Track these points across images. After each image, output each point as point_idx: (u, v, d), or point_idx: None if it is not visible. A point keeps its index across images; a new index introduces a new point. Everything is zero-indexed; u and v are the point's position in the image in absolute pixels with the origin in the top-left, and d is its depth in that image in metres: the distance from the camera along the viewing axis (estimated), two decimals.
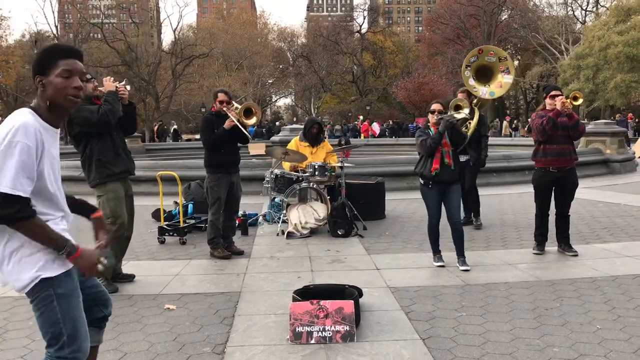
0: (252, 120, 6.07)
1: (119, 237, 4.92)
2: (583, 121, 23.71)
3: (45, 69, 2.28)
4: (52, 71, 2.28)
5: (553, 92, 5.77)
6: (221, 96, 6.09)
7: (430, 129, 5.48)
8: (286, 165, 7.98)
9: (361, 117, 39.60)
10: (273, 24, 76.61)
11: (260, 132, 36.26)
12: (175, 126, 35.85)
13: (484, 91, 6.79)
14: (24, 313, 4.33)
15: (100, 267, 2.30)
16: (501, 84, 6.83)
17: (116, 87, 4.88)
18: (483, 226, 7.66)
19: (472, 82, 6.77)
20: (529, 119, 6.53)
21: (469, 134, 7.07)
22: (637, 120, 32.05)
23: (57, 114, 2.32)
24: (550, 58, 50.52)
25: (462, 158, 7.30)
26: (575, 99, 5.66)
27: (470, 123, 6.82)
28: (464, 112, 5.43)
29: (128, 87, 5.07)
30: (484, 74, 6.89)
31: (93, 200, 4.91)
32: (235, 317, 4.16)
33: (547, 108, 5.82)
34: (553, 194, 5.96)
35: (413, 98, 48.55)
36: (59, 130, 2.39)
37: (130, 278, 5.19)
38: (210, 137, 6.03)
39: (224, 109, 6.00)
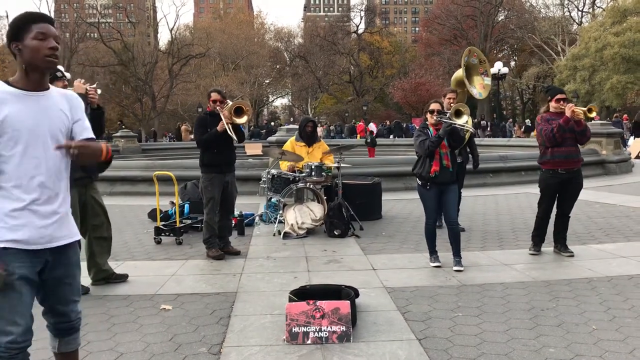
0: (243, 119, 6.04)
1: None
2: None
3: (20, 35, 2.37)
4: (27, 35, 2.37)
5: (559, 96, 5.77)
6: (214, 95, 6.10)
7: (429, 129, 5.48)
8: (283, 165, 7.98)
9: (354, 122, 39.68)
10: (270, 24, 76.71)
11: (257, 132, 36.27)
12: None
13: (475, 92, 6.94)
14: None
15: None
16: (483, 86, 7.01)
17: (86, 89, 4.71)
18: (481, 226, 7.67)
19: (466, 81, 6.89)
20: (535, 121, 6.52)
21: (466, 136, 7.09)
22: (632, 121, 32.10)
23: (35, 77, 2.39)
24: (546, 59, 50.65)
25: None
26: (590, 111, 5.64)
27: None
28: (465, 118, 5.42)
29: (99, 91, 4.92)
30: (468, 75, 7.02)
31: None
32: (232, 318, 4.15)
33: (551, 111, 5.82)
34: (558, 195, 5.96)
35: (410, 98, 48.64)
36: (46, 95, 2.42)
37: (123, 278, 5.17)
38: (202, 137, 6.05)
39: (217, 108, 6.01)
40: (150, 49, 54.71)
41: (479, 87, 6.93)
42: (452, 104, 6.65)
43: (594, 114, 5.71)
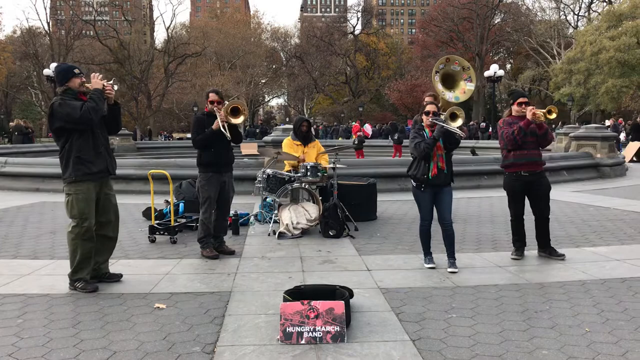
0: (240, 119, 6.03)
1: (87, 240, 4.81)
2: (574, 125, 23.84)
3: None
4: None
5: (520, 100, 5.78)
6: (212, 96, 6.09)
7: (424, 131, 5.48)
8: (288, 166, 8.01)
9: (352, 122, 39.77)
10: (266, 24, 76.72)
11: (253, 131, 36.26)
12: None
13: (450, 96, 7.15)
14: (12, 311, 4.30)
15: None
16: (464, 91, 7.24)
17: (103, 85, 4.80)
18: (475, 228, 7.68)
19: (440, 86, 7.08)
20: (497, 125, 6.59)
21: None
22: (628, 124, 32.30)
23: None
24: (542, 62, 50.86)
25: None
26: (549, 112, 5.65)
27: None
28: (459, 122, 5.42)
29: (115, 87, 5.01)
30: (449, 81, 7.25)
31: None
32: (226, 317, 4.14)
33: (513, 114, 5.82)
34: (528, 198, 5.92)
35: (405, 100, 48.79)
36: None
37: (117, 278, 5.13)
38: (198, 136, 6.05)
39: (215, 108, 6.00)
40: (146, 48, 54.71)
41: (459, 92, 7.15)
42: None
43: (553, 116, 5.67)
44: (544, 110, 5.68)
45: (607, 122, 28.13)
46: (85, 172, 4.76)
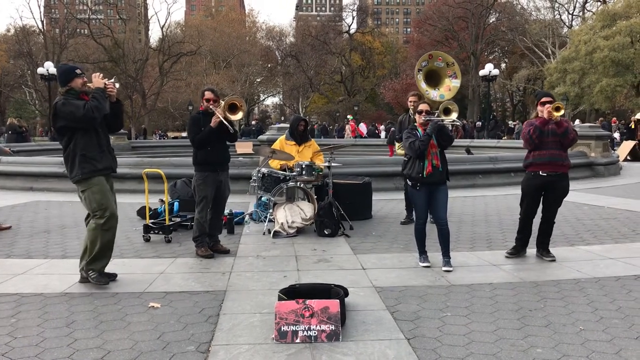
0: (238, 116, 6.02)
1: (108, 230, 4.86)
2: None
3: None
4: None
5: (543, 99, 5.71)
6: (208, 94, 6.08)
7: (417, 130, 5.49)
8: (274, 164, 7.96)
9: (349, 117, 39.72)
10: (262, 23, 76.65)
11: (248, 130, 36.19)
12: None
13: (435, 94, 6.98)
14: (5, 310, 4.28)
15: None
16: (449, 88, 7.05)
17: (105, 84, 4.87)
18: (470, 227, 7.69)
19: (424, 85, 6.93)
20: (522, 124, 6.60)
21: None
22: (622, 122, 32.42)
23: None
24: (536, 61, 50.96)
25: None
26: (557, 109, 5.61)
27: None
28: (454, 116, 5.43)
29: (117, 85, 5.06)
30: (433, 78, 7.07)
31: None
32: (220, 316, 4.14)
33: (539, 116, 5.80)
34: (542, 199, 5.88)
35: (401, 99, 48.73)
36: None
37: (112, 277, 5.13)
38: (196, 135, 6.02)
39: (211, 107, 5.99)
40: (140, 46, 54.57)
41: (444, 89, 6.98)
42: (412, 106, 6.82)
43: (561, 112, 5.57)
44: (552, 107, 5.63)
45: (577, 122, 28.17)
46: (91, 169, 4.83)
